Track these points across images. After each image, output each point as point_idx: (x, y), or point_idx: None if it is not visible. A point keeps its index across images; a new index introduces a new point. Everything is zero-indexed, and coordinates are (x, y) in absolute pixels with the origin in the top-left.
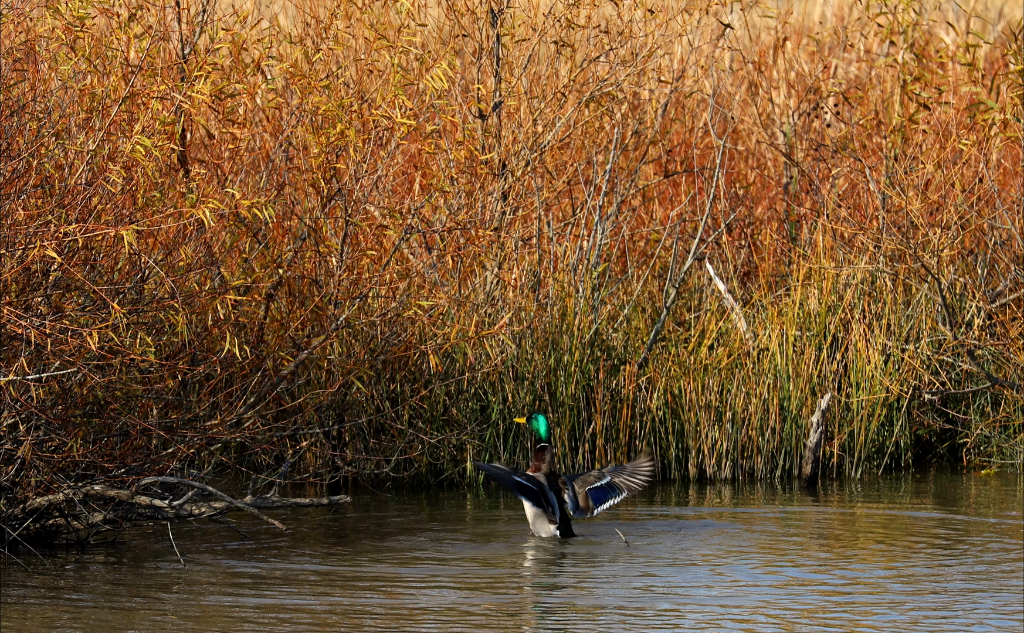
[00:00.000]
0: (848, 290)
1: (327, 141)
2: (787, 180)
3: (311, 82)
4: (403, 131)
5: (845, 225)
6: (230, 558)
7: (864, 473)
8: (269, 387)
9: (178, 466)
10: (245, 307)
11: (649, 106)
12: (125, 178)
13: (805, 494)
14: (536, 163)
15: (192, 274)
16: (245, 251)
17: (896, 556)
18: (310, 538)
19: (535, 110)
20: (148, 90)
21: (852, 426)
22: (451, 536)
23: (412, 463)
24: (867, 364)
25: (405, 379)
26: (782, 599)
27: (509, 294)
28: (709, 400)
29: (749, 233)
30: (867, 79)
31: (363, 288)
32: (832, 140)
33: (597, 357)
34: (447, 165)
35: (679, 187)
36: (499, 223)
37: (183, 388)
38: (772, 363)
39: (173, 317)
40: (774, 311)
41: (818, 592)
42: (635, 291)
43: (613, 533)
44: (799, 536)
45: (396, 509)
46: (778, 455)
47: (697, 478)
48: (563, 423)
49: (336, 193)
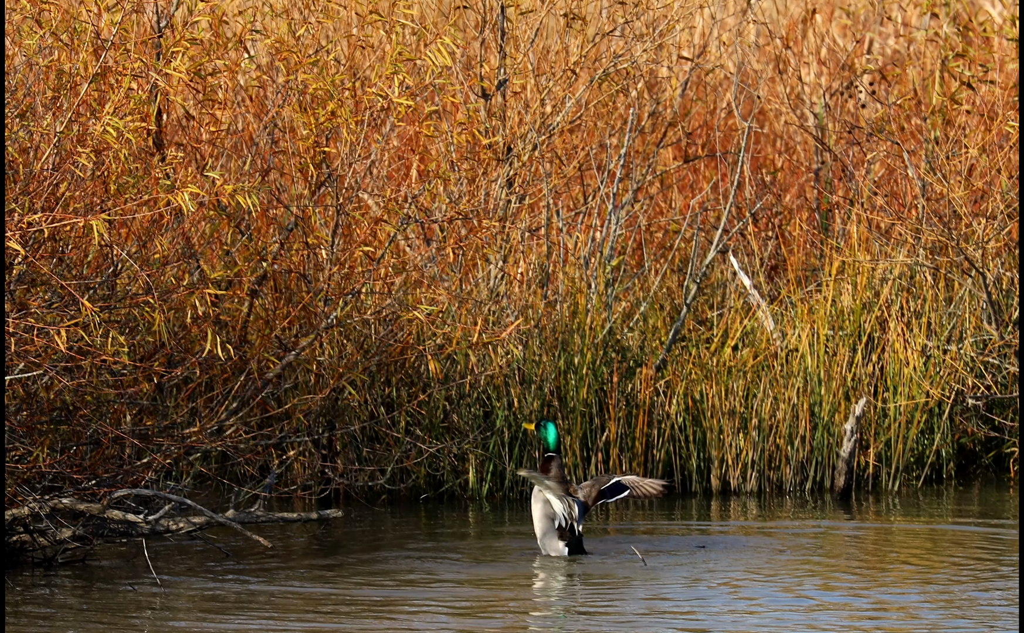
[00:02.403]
0: (885, 286)
1: (316, 122)
2: (818, 165)
3: (298, 58)
4: (400, 112)
5: (881, 215)
6: (210, 579)
7: (902, 485)
8: (253, 391)
9: (154, 478)
10: (227, 304)
11: (668, 84)
12: (95, 163)
13: (838, 508)
14: (544, 147)
15: (169, 268)
16: (227, 242)
17: (935, 577)
18: (297, 557)
19: (543, 89)
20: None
21: (889, 434)
22: (451, 555)
23: (409, 474)
24: (905, 366)
25: (401, 383)
26: (805, 625)
27: (515, 290)
28: (733, 406)
29: (777, 223)
30: (905, 55)
31: (356, 283)
32: (867, 122)
33: (611, 359)
34: (447, 149)
35: (700, 173)
36: (504, 212)
37: (159, 392)
38: (802, 365)
39: (148, 315)
40: (804, 309)
41: (846, 616)
42: (652, 287)
43: (627, 551)
44: (830, 555)
45: (391, 525)
46: (808, 466)
47: (720, 491)
48: (574, 431)
49: (326, 179)
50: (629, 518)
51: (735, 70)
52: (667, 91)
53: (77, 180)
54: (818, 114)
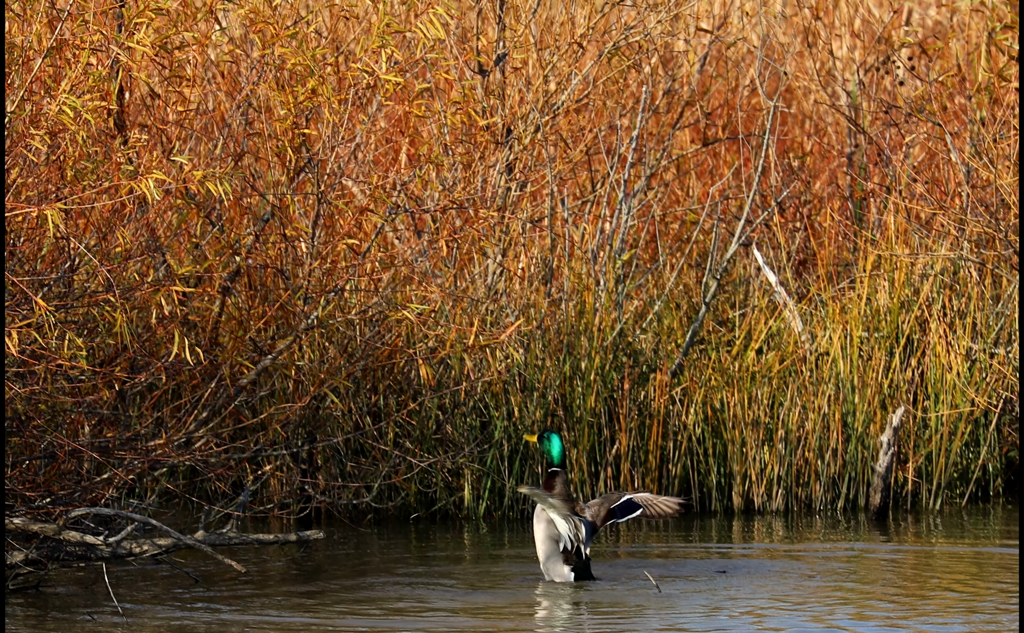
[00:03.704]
0: (925, 282)
1: (295, 101)
2: (851, 149)
3: (275, 30)
4: (388, 90)
5: (922, 203)
6: (177, 607)
7: (944, 503)
8: (225, 399)
9: (115, 495)
10: (196, 302)
11: (685, 59)
12: (50, 146)
13: (873, 529)
14: (548, 128)
15: (132, 262)
16: (196, 234)
17: (981, 606)
18: (274, 583)
19: (546, 64)
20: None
21: (930, 447)
22: (444, 581)
23: (398, 492)
24: (948, 372)
25: (390, 390)
26: None
27: (515, 287)
28: (757, 416)
29: (805, 213)
30: (948, 27)
31: (339, 280)
32: (906, 101)
33: (622, 363)
34: (440, 131)
35: (721, 157)
36: (503, 201)
37: (121, 401)
38: (833, 371)
39: (109, 314)
40: (836, 308)
41: None
42: (668, 284)
43: (640, 576)
44: (864, 581)
45: (378, 548)
46: (840, 482)
47: (742, 510)
48: (580, 443)
49: (306, 164)
50: (642, 540)
51: (759, 43)
52: (684, 67)
53: (30, 165)
54: (851, 92)
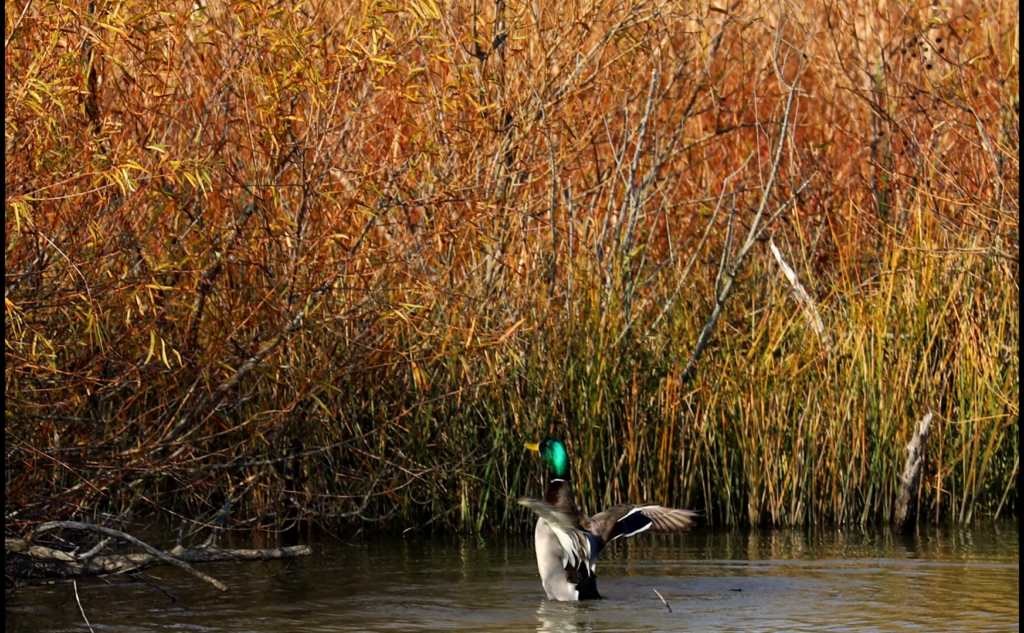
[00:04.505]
0: (955, 280)
1: (279, 86)
2: (876, 137)
3: (258, 10)
4: (379, 73)
5: (951, 195)
6: (153, 628)
7: (975, 517)
8: (205, 405)
9: (87, 508)
10: (173, 301)
11: (697, 41)
12: (17, 134)
13: (899, 544)
14: (550, 115)
15: (105, 259)
16: (173, 229)
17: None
18: (257, 602)
19: (549, 46)
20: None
21: (960, 456)
22: (440, 600)
23: (390, 504)
24: (979, 376)
25: (381, 395)
26: None
27: (516, 285)
28: (775, 423)
29: (826, 206)
30: (979, 6)
31: (327, 277)
32: (934, 85)
33: (629, 367)
34: (435, 118)
35: (736, 146)
36: (503, 193)
37: (93, 407)
38: (856, 375)
39: (80, 314)
40: (859, 307)
41: None
42: (679, 281)
43: (649, 595)
44: (890, 600)
45: (369, 564)
46: (864, 494)
47: (759, 523)
48: (585, 452)
49: (292, 154)
50: (651, 556)
51: (777, 24)
52: (696, 49)
53: None
54: (876, 76)
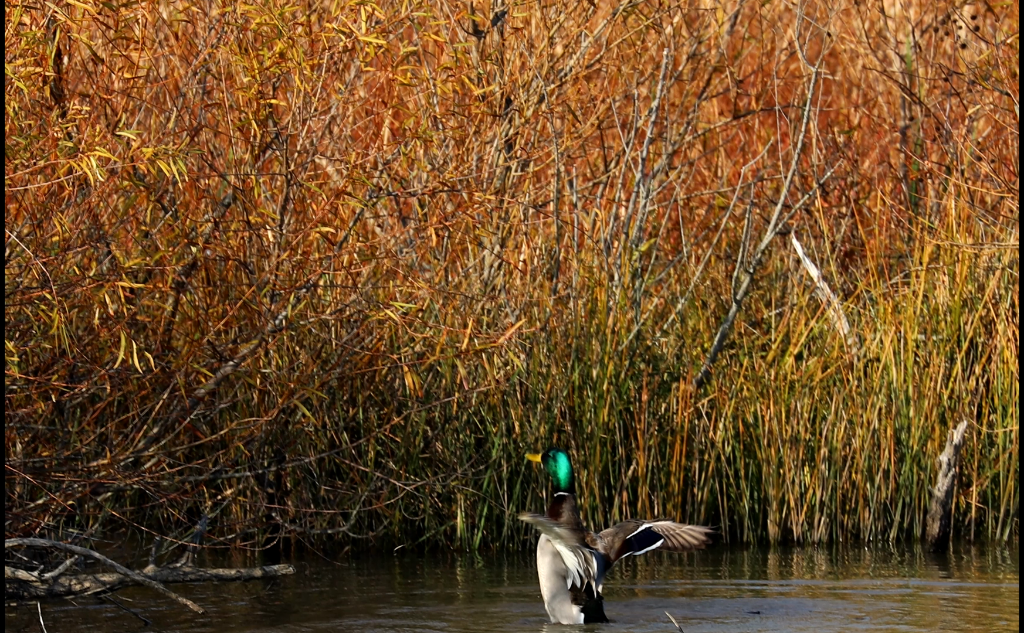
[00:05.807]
0: (991, 277)
1: (260, 67)
2: (906, 123)
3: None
4: (368, 54)
5: (987, 185)
6: None
7: (1013, 533)
8: (179, 413)
9: (52, 524)
10: (145, 300)
11: (712, 18)
12: None
13: (931, 563)
14: (554, 99)
15: (71, 254)
16: (145, 222)
17: None
18: (237, 625)
19: (552, 24)
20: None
21: (997, 468)
22: (434, 623)
23: (380, 519)
24: (1017, 380)
25: (370, 402)
26: None
27: (516, 283)
28: (796, 431)
29: (852, 197)
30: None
31: (311, 274)
32: (968, 66)
33: (639, 371)
34: (429, 102)
35: (754, 132)
36: (502, 183)
37: (59, 414)
38: (885, 379)
39: (45, 314)
40: (887, 307)
41: None
42: (693, 278)
43: (661, 618)
44: (921, 623)
45: (357, 584)
46: (893, 509)
47: (780, 540)
48: (591, 463)
49: (273, 140)
50: (663, 576)
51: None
52: (712, 26)
53: None
54: (906, 57)
